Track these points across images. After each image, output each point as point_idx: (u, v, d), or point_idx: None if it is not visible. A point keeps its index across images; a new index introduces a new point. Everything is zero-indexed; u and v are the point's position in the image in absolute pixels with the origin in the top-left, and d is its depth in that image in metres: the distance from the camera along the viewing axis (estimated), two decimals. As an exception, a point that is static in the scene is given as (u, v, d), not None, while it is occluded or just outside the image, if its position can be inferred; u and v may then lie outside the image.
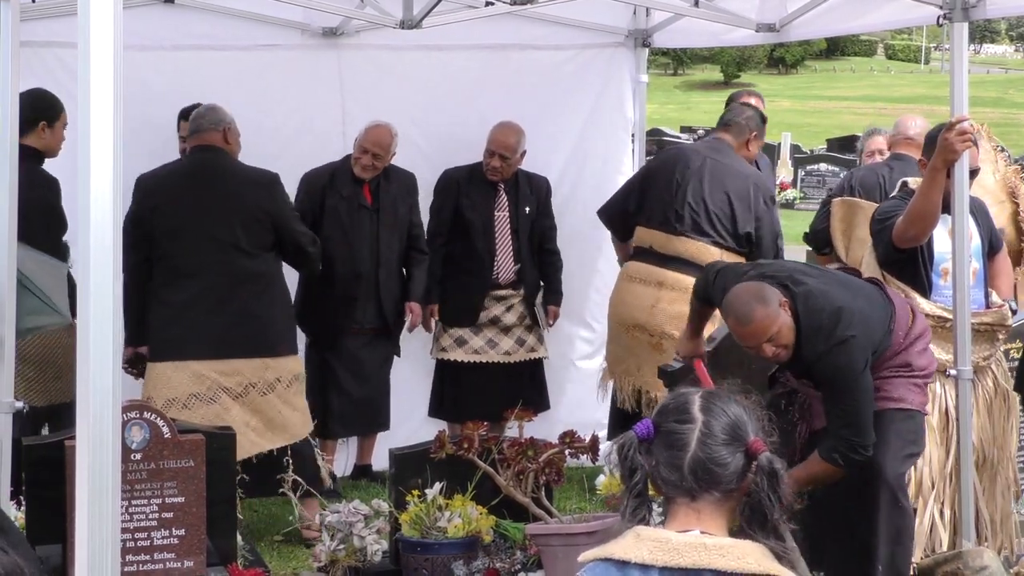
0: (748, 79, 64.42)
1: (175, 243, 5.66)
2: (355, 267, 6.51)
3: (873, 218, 5.48)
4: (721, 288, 4.70)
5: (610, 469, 5.42)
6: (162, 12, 6.56)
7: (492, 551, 5.07)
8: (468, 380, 6.85)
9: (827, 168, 23.08)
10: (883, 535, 4.64)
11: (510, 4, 6.06)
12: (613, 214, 6.68)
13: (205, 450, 4.71)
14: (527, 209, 6.89)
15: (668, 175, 6.39)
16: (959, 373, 5.11)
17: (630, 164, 7.59)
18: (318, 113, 6.93)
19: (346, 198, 6.52)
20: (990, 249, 5.55)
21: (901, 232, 5.21)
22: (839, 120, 45.20)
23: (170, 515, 4.63)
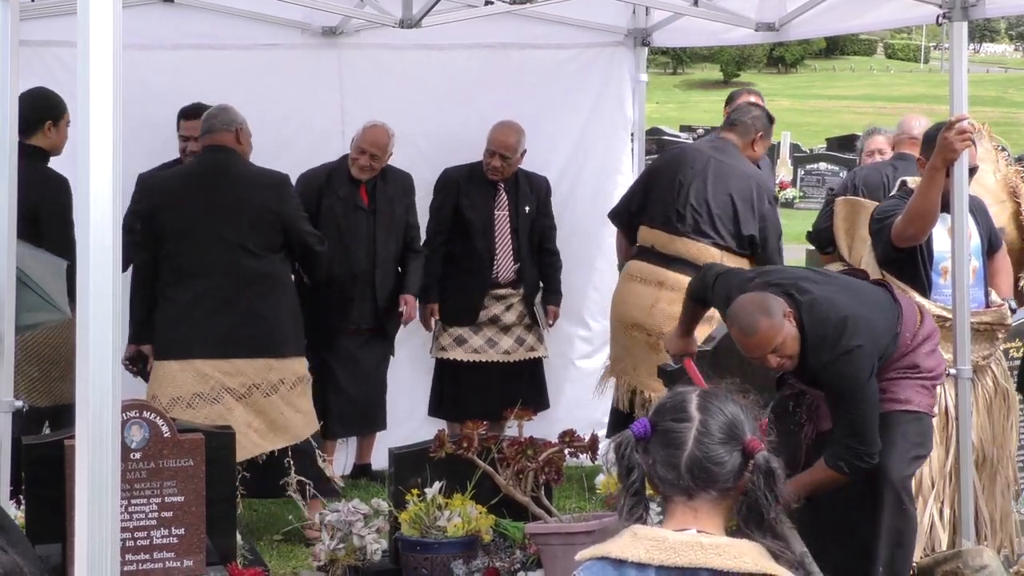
0: (748, 78, 64.43)
1: (183, 242, 5.67)
2: (351, 268, 6.51)
3: (872, 217, 5.48)
4: (722, 294, 4.67)
5: (608, 468, 5.42)
6: (162, 11, 6.56)
7: (492, 550, 5.07)
8: (468, 379, 6.85)
9: (826, 167, 23.08)
10: (885, 537, 4.62)
11: (509, 3, 6.06)
12: (622, 217, 6.68)
13: (205, 449, 4.71)
14: (527, 208, 6.89)
15: (671, 175, 6.38)
16: (959, 372, 5.11)
17: (629, 163, 7.59)
18: (318, 112, 6.94)
19: (342, 199, 6.51)
20: (989, 248, 5.55)
21: (900, 231, 5.21)
22: (838, 119, 45.19)
23: (169, 514, 4.63)
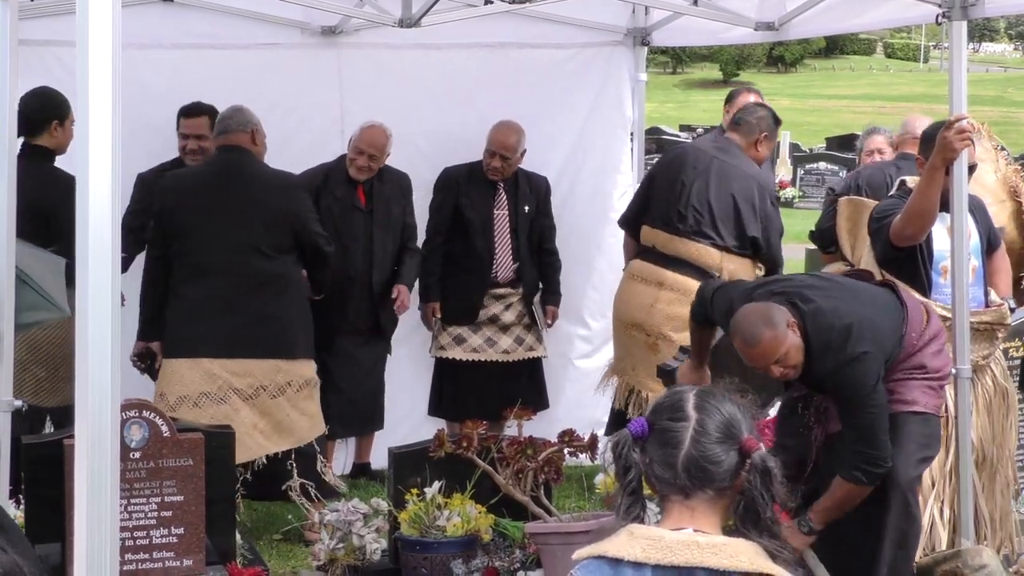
0: (747, 78, 64.40)
1: (195, 241, 5.68)
2: (348, 268, 6.50)
3: (871, 217, 5.48)
4: (723, 307, 4.66)
5: (606, 467, 5.42)
6: (161, 11, 6.56)
7: (491, 550, 5.08)
8: (467, 379, 6.85)
9: (826, 167, 23.05)
10: (889, 538, 4.62)
11: (509, 3, 6.06)
12: (630, 222, 6.69)
13: (204, 449, 4.72)
14: (526, 208, 6.89)
15: (674, 175, 6.38)
16: (958, 372, 5.10)
17: (629, 163, 7.59)
18: (317, 112, 6.94)
19: (340, 199, 6.51)
20: (988, 247, 5.55)
21: (899, 230, 5.21)
22: (838, 119, 45.17)
23: (169, 514, 4.63)
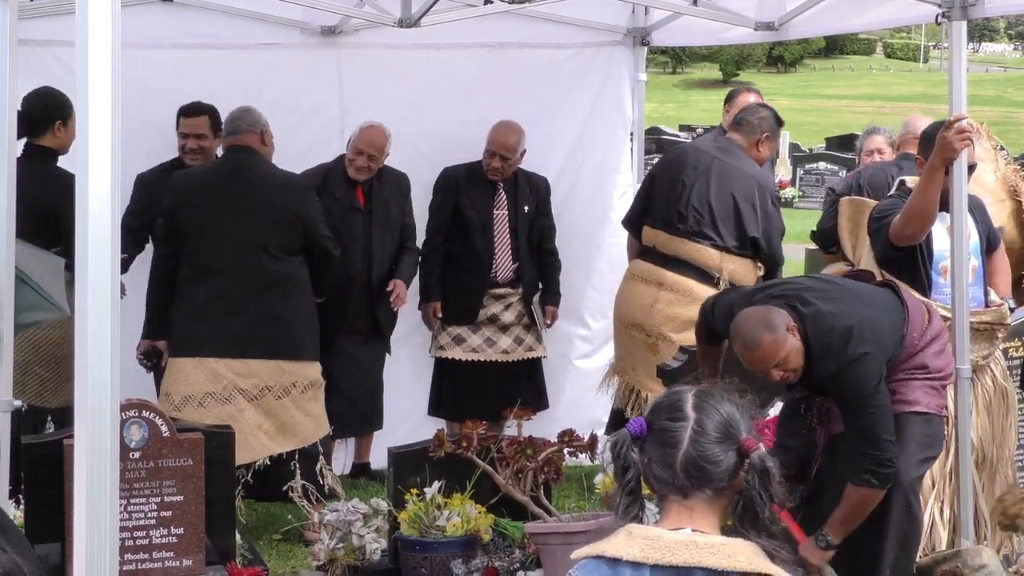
0: (747, 77, 64.40)
1: (204, 240, 5.69)
2: (347, 269, 6.49)
3: (871, 216, 5.48)
4: (724, 313, 4.67)
5: (605, 467, 5.42)
6: (161, 10, 6.56)
7: (491, 550, 5.08)
8: (467, 379, 6.85)
9: (826, 167, 23.05)
10: (891, 539, 4.61)
11: (508, 3, 6.06)
12: (633, 222, 6.70)
13: (204, 449, 4.72)
14: (526, 208, 6.89)
15: (674, 175, 6.39)
16: (958, 372, 5.10)
17: (629, 163, 7.59)
18: (317, 111, 6.93)
19: (339, 199, 6.51)
20: (988, 246, 5.55)
21: (898, 230, 5.21)
22: (838, 119, 45.18)
23: (169, 514, 4.63)
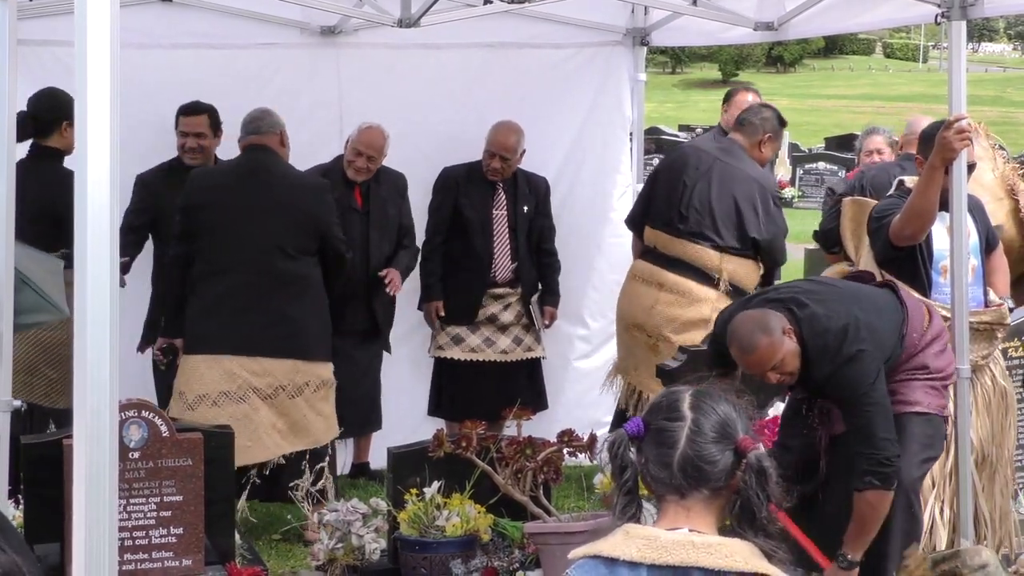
0: (746, 77, 64.36)
1: (219, 238, 5.71)
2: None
3: (870, 216, 5.48)
4: (724, 320, 4.67)
5: (603, 467, 5.42)
6: (160, 10, 6.56)
7: (490, 550, 5.08)
8: (466, 379, 6.85)
9: (825, 167, 23.03)
10: (894, 539, 4.61)
11: (508, 2, 6.06)
12: (636, 221, 6.71)
13: (203, 449, 4.72)
14: (525, 208, 6.88)
15: (675, 176, 6.40)
16: (958, 372, 5.10)
17: (628, 163, 7.59)
18: (316, 112, 6.93)
19: (336, 200, 6.49)
20: (986, 246, 5.55)
21: (898, 230, 5.21)
22: (837, 119, 45.16)
23: (168, 514, 4.63)
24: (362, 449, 6.95)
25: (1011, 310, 5.69)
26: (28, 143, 5.75)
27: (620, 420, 6.49)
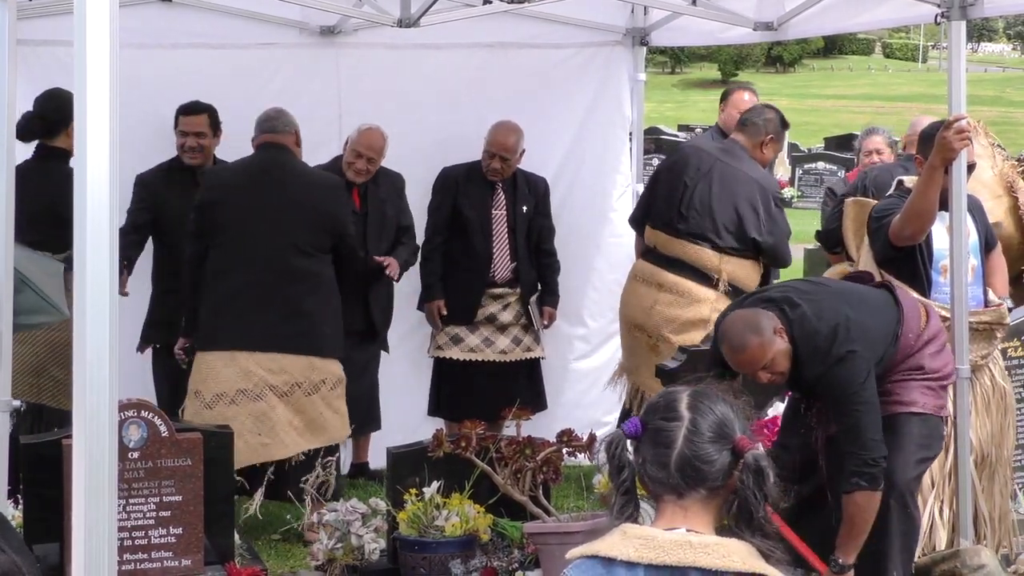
0: (746, 77, 64.30)
1: (236, 235, 5.72)
2: None
3: (870, 216, 5.48)
4: (720, 321, 4.68)
5: (600, 467, 5.43)
6: (159, 10, 6.56)
7: (490, 550, 5.08)
8: (466, 379, 6.84)
9: (824, 167, 23.04)
10: (894, 542, 4.61)
11: (507, 2, 6.06)
12: (638, 221, 6.72)
13: (203, 449, 4.72)
14: (524, 208, 6.88)
15: (677, 176, 6.40)
16: (957, 372, 5.10)
17: (628, 163, 7.59)
18: (315, 112, 6.92)
19: None
20: (985, 246, 5.55)
21: (898, 230, 5.21)
22: (837, 119, 45.18)
23: (168, 514, 4.63)
24: (361, 449, 6.95)
25: (1010, 310, 5.70)
26: (31, 144, 5.75)
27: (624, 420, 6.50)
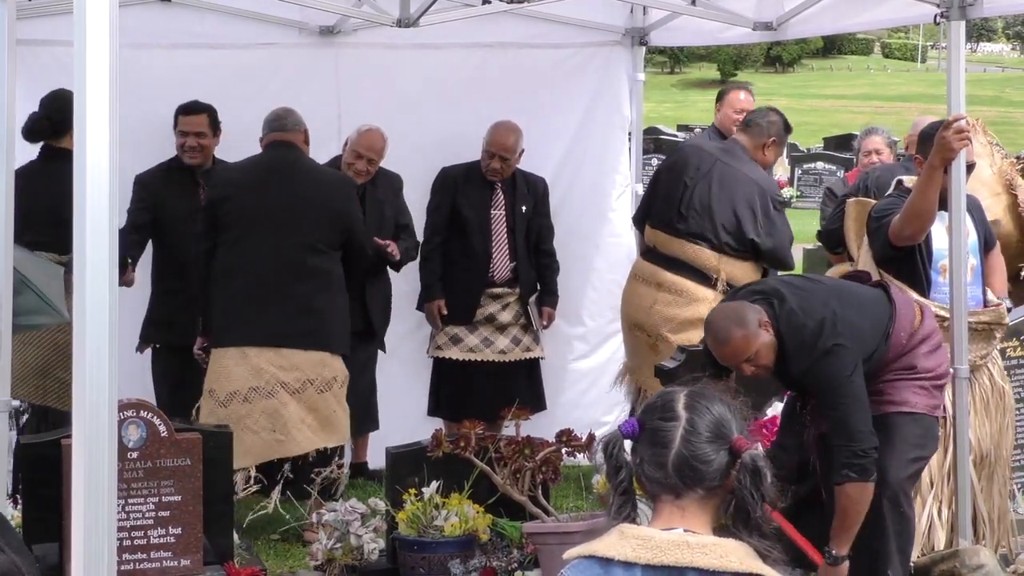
0: (745, 77, 64.29)
1: (247, 232, 5.72)
2: None
3: (869, 216, 5.48)
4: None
5: (597, 467, 5.42)
6: (159, 10, 6.56)
7: (489, 550, 5.08)
8: (465, 379, 6.84)
9: (824, 167, 23.04)
10: (890, 541, 4.61)
11: (507, 2, 6.06)
12: (640, 221, 6.73)
13: (202, 449, 4.72)
14: (523, 208, 6.88)
15: (677, 176, 6.41)
16: (956, 372, 5.10)
17: (627, 163, 7.59)
18: (314, 111, 6.89)
19: None
20: (984, 246, 5.55)
21: (898, 230, 5.21)
22: (836, 119, 45.17)
23: (167, 513, 4.63)
24: (360, 449, 6.95)
25: (1009, 310, 5.70)
26: (33, 145, 5.74)
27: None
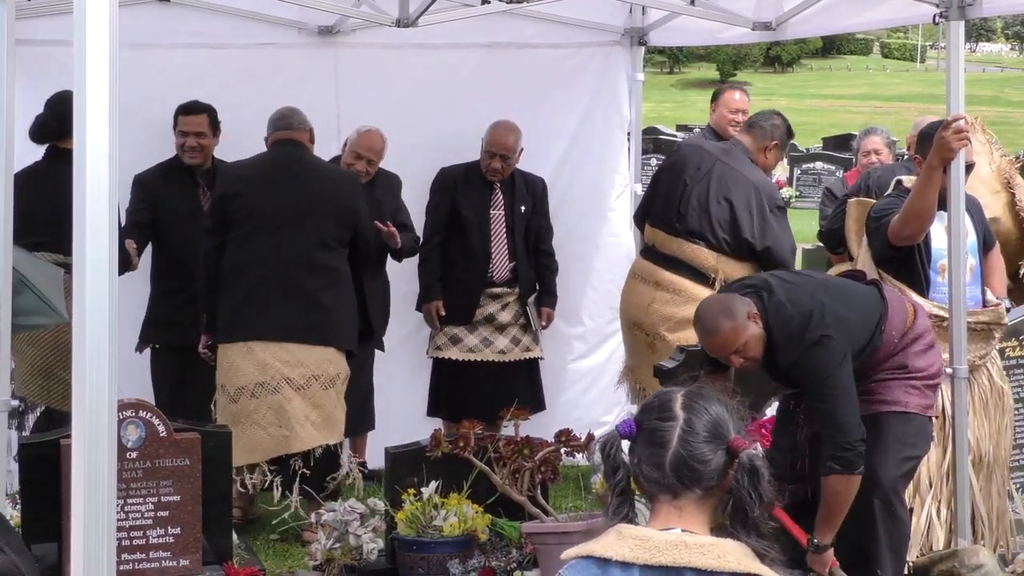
0: (744, 77, 64.34)
1: (255, 228, 5.74)
2: None
3: (868, 216, 5.49)
4: None
5: (595, 467, 5.43)
6: (158, 10, 6.56)
7: (488, 550, 5.08)
8: (465, 379, 6.84)
9: (823, 167, 23.03)
10: (881, 541, 4.61)
11: (506, 2, 6.06)
12: (640, 220, 6.74)
13: (201, 449, 4.71)
14: (522, 208, 6.87)
15: (677, 175, 6.42)
16: (955, 372, 5.11)
17: (626, 162, 7.59)
18: (314, 111, 6.88)
19: None
20: (984, 245, 5.55)
21: (897, 230, 5.21)
22: (835, 119, 45.16)
23: (166, 513, 4.63)
24: (357, 449, 6.94)
25: (1008, 310, 5.70)
26: (42, 145, 5.74)
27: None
